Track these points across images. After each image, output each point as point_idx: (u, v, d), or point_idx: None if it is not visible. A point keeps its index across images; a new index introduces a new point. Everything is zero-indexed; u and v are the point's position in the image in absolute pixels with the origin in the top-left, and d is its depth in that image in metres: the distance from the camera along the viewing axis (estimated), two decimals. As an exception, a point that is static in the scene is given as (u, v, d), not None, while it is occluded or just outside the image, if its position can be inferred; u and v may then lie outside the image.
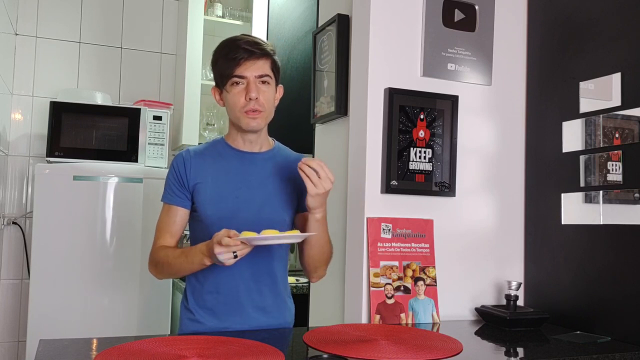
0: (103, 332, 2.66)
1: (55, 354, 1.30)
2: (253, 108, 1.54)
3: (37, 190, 2.73)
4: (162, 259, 1.56)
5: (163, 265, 1.56)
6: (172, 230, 1.61)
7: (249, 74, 1.53)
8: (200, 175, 1.59)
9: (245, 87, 1.54)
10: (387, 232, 1.77)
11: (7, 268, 3.11)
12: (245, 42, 1.54)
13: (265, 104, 1.56)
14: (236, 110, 1.56)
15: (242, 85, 1.54)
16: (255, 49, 1.53)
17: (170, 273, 1.61)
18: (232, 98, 1.56)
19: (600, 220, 1.70)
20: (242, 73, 1.53)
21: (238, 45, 1.54)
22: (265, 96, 1.56)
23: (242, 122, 1.57)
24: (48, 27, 3.25)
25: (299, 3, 3.23)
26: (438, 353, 1.34)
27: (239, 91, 1.54)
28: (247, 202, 1.59)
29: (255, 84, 1.54)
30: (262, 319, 1.62)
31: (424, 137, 1.84)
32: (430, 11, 1.86)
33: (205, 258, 1.46)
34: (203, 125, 3.38)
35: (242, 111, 1.55)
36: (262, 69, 1.55)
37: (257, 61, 1.54)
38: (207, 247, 1.44)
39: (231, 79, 1.54)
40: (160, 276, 1.62)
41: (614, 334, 1.61)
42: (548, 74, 1.93)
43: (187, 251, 1.53)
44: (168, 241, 1.60)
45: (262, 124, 1.58)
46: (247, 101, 1.53)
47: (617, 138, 1.66)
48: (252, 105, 1.54)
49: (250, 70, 1.53)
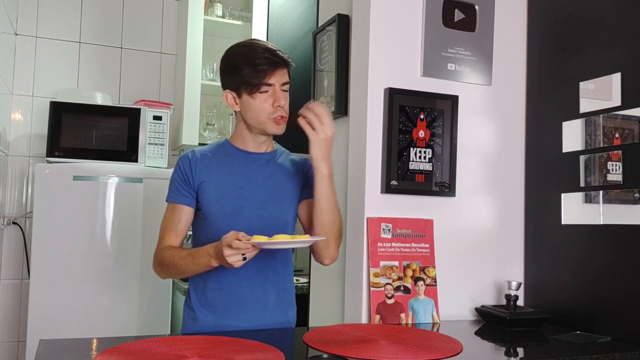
0: (103, 332, 2.65)
1: (55, 354, 1.30)
2: (281, 114, 1.59)
3: (37, 190, 2.73)
4: (167, 259, 1.57)
5: (168, 265, 1.57)
6: (177, 230, 1.62)
7: (275, 81, 1.58)
8: (205, 174, 1.62)
9: (272, 95, 1.58)
10: (387, 232, 1.77)
11: (7, 268, 3.11)
12: (266, 52, 1.58)
13: (287, 110, 1.62)
14: (263, 116, 1.59)
15: (268, 94, 1.58)
16: (278, 59, 1.58)
17: (176, 273, 1.62)
18: (259, 105, 1.59)
19: (600, 220, 1.70)
20: (270, 81, 1.57)
21: (262, 55, 1.57)
22: (287, 102, 1.62)
23: (268, 128, 1.61)
24: (48, 27, 3.25)
25: (299, 3, 3.23)
26: (438, 353, 1.34)
27: (265, 99, 1.58)
28: (251, 200, 1.61)
29: (281, 91, 1.60)
30: (265, 316, 1.63)
31: (424, 137, 1.84)
32: (430, 11, 1.86)
33: (212, 260, 1.47)
34: (203, 125, 3.38)
35: (270, 118, 1.59)
36: (285, 77, 1.61)
37: (282, 69, 1.60)
38: (215, 250, 1.45)
39: (260, 87, 1.57)
40: (164, 276, 1.65)
41: (614, 334, 1.61)
42: (548, 74, 1.92)
43: (194, 252, 1.53)
44: (173, 241, 1.62)
45: (284, 129, 1.63)
46: (274, 108, 1.58)
47: (617, 138, 1.66)
48: (280, 112, 1.59)
49: (276, 78, 1.58)
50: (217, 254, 1.44)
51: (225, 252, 1.40)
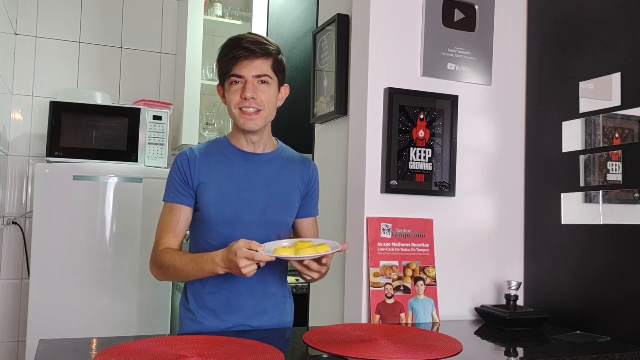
0: (103, 332, 2.66)
1: (55, 354, 1.30)
2: (250, 106, 1.53)
3: (37, 190, 2.73)
4: (167, 262, 1.52)
5: (169, 269, 1.53)
6: (176, 231, 1.58)
7: (246, 73, 1.53)
8: (204, 175, 1.58)
9: (243, 87, 1.54)
10: (387, 232, 1.77)
11: (7, 268, 3.11)
12: (247, 41, 1.54)
13: (264, 104, 1.55)
14: (232, 108, 1.56)
15: (240, 85, 1.54)
16: (256, 48, 1.53)
17: (176, 277, 1.58)
18: (229, 96, 1.56)
19: (600, 220, 1.70)
20: (239, 72, 1.53)
21: (240, 44, 1.53)
22: (265, 96, 1.55)
23: (238, 122, 1.57)
24: (48, 27, 3.25)
25: (299, 3, 3.23)
26: (438, 353, 1.34)
27: (236, 90, 1.55)
28: (251, 204, 1.58)
29: (253, 83, 1.53)
30: (263, 320, 1.62)
31: (424, 137, 1.84)
32: (430, 11, 1.86)
33: (220, 268, 1.44)
34: (203, 125, 3.38)
35: (237, 108, 1.55)
36: (260, 68, 1.54)
37: (256, 60, 1.53)
38: (224, 258, 1.42)
39: (229, 77, 1.54)
40: (163, 279, 1.60)
41: (614, 334, 1.61)
42: (548, 74, 1.92)
43: (198, 259, 1.49)
44: (171, 242, 1.57)
45: (259, 124, 1.57)
46: (242, 99, 1.53)
47: (617, 138, 1.66)
48: (247, 104, 1.53)
49: (248, 70, 1.53)
50: (225, 262, 1.41)
51: (242, 264, 1.36)
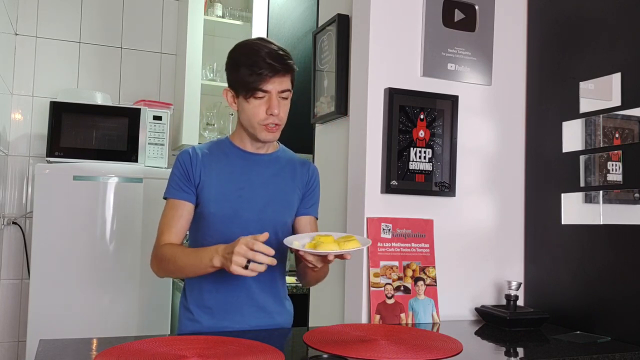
0: (103, 332, 2.66)
1: (55, 354, 1.30)
2: (274, 122, 1.55)
3: (37, 190, 2.73)
4: (168, 255, 1.52)
5: (168, 262, 1.52)
6: (178, 227, 1.58)
7: (272, 88, 1.53)
8: (205, 173, 1.59)
9: (267, 101, 1.53)
10: (387, 232, 1.77)
11: (7, 268, 3.11)
12: (270, 55, 1.52)
13: (283, 118, 1.57)
14: (255, 122, 1.55)
15: (264, 99, 1.54)
16: (281, 66, 1.52)
17: (174, 271, 1.56)
18: (252, 109, 1.55)
19: (600, 220, 1.70)
20: (265, 88, 1.52)
21: (263, 59, 1.51)
22: (284, 110, 1.57)
23: (259, 134, 1.57)
24: (48, 27, 3.25)
25: (299, 3, 3.23)
26: (438, 353, 1.34)
27: (260, 104, 1.54)
28: (250, 202, 1.59)
29: (277, 99, 1.54)
30: (261, 319, 1.62)
31: (424, 137, 1.84)
32: (430, 11, 1.86)
33: (217, 258, 1.41)
34: (203, 125, 3.38)
35: (261, 124, 1.55)
36: (284, 84, 1.54)
37: (283, 77, 1.53)
38: (226, 247, 1.40)
39: (256, 92, 1.53)
40: (162, 274, 1.59)
41: (614, 334, 1.61)
42: (548, 74, 1.92)
43: (201, 250, 1.49)
44: (173, 238, 1.57)
45: (278, 136, 1.60)
46: (267, 115, 1.54)
47: (617, 138, 1.66)
48: (272, 119, 1.54)
49: (273, 85, 1.52)
50: (225, 250, 1.39)
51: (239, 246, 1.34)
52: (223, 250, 1.41)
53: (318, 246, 1.40)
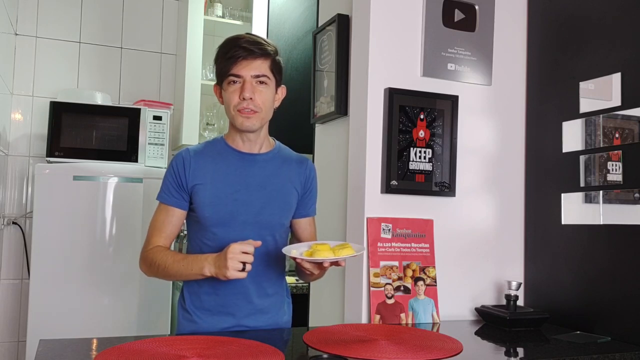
0: (103, 332, 2.65)
1: (55, 354, 1.30)
2: (248, 106, 1.53)
3: (37, 190, 2.72)
4: (158, 260, 1.53)
5: (159, 267, 1.53)
6: (167, 231, 1.59)
7: (245, 73, 1.53)
8: (199, 176, 1.57)
9: (241, 87, 1.53)
10: (387, 232, 1.77)
11: (7, 268, 3.11)
12: (245, 41, 1.54)
13: (261, 105, 1.55)
14: (230, 108, 1.56)
15: (238, 85, 1.54)
16: (254, 48, 1.53)
17: (164, 275, 1.56)
18: (227, 96, 1.56)
19: (600, 220, 1.70)
20: (238, 72, 1.53)
21: (238, 44, 1.53)
22: (262, 96, 1.55)
23: (236, 121, 1.57)
24: (48, 27, 3.25)
25: (299, 3, 3.23)
26: (438, 353, 1.34)
27: (234, 90, 1.54)
28: (246, 205, 1.58)
29: (251, 83, 1.53)
30: (260, 320, 1.61)
31: (424, 137, 1.84)
32: (430, 11, 1.86)
33: (207, 267, 1.45)
34: (203, 125, 3.38)
35: (236, 109, 1.55)
36: (259, 68, 1.54)
37: (255, 61, 1.53)
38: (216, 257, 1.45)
39: (227, 77, 1.54)
40: (151, 275, 1.60)
41: (614, 334, 1.61)
42: (548, 74, 1.93)
43: (191, 258, 1.51)
44: (162, 242, 1.58)
45: (256, 124, 1.57)
46: (240, 100, 1.53)
47: (617, 138, 1.66)
48: (245, 104, 1.53)
49: (246, 70, 1.53)
50: (216, 260, 1.43)
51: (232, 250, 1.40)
52: (214, 260, 1.44)
53: (314, 254, 1.43)
